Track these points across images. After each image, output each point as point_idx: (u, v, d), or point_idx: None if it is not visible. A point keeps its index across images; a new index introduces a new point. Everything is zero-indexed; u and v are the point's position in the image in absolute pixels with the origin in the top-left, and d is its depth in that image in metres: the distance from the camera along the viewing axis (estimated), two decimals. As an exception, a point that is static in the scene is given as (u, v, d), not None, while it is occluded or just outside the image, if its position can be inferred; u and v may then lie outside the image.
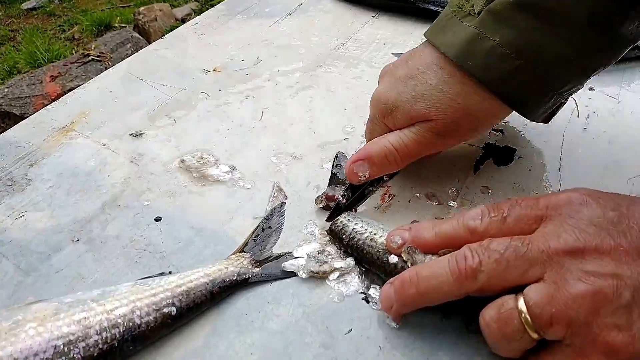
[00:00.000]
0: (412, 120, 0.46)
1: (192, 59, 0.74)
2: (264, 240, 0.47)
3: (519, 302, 0.33)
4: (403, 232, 0.42)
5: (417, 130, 0.46)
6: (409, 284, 0.38)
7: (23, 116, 1.90)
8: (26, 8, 3.45)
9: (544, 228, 0.35)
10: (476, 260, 0.35)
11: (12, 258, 0.46)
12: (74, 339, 0.35)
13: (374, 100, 0.49)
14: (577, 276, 0.32)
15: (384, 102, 0.48)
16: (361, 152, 0.48)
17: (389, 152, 0.47)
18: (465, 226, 0.39)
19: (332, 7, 0.87)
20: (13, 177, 0.54)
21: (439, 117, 0.45)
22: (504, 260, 0.34)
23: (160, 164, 0.55)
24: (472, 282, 0.35)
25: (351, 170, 0.48)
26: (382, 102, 0.48)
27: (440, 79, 0.45)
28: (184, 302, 0.40)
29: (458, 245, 0.38)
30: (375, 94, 0.49)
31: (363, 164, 0.47)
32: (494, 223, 0.38)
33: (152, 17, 2.92)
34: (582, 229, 0.34)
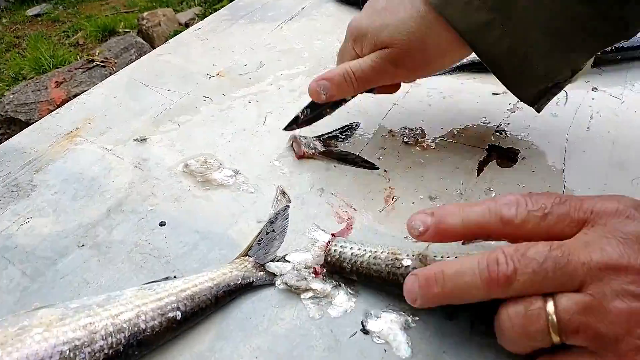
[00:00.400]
0: (375, 47, 0.50)
1: (195, 63, 0.74)
2: (268, 243, 0.47)
3: (547, 304, 0.32)
4: (425, 217, 0.38)
5: (375, 57, 0.50)
6: (434, 282, 0.35)
7: (29, 122, 1.91)
8: (31, 14, 3.48)
9: (585, 235, 0.34)
10: (511, 267, 0.33)
11: (18, 264, 0.46)
12: (79, 344, 0.35)
13: (349, 27, 0.53)
14: (616, 293, 0.31)
15: (356, 29, 0.52)
16: (325, 73, 0.53)
17: (347, 74, 0.51)
18: (499, 215, 0.36)
19: (335, 11, 0.87)
20: (18, 183, 0.54)
21: (396, 45, 0.49)
22: (542, 271, 0.32)
23: (164, 169, 0.56)
24: (504, 290, 0.33)
25: (314, 88, 0.53)
26: (355, 29, 0.52)
27: (411, 14, 0.48)
28: (189, 306, 0.40)
29: (487, 236, 0.36)
30: (352, 21, 0.53)
31: (325, 83, 0.52)
32: (532, 218, 0.35)
33: (155, 22, 2.93)
34: (628, 245, 0.32)
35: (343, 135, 0.60)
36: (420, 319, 0.41)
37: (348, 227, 0.49)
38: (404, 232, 0.48)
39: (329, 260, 0.44)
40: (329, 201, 0.51)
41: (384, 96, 0.64)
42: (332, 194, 0.52)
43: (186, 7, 3.39)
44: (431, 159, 0.56)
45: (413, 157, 0.56)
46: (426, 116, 0.62)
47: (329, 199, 0.52)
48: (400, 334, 0.40)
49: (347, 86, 0.52)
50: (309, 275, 0.43)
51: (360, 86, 0.52)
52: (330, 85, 0.52)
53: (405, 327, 0.40)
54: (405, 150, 0.57)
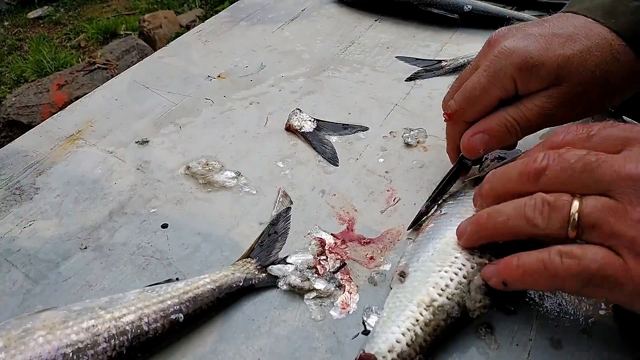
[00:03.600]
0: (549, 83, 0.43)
1: (196, 65, 0.74)
2: (270, 245, 0.47)
3: (575, 200, 0.34)
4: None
5: (545, 98, 0.43)
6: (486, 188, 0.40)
7: (30, 125, 1.92)
8: (32, 17, 3.49)
9: (627, 151, 0.34)
10: (544, 163, 0.36)
11: (21, 267, 0.46)
12: (82, 346, 0.35)
13: (506, 51, 0.43)
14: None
15: (525, 57, 0.42)
16: (479, 125, 0.45)
17: (510, 125, 0.44)
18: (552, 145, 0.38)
19: (335, 12, 0.87)
20: (21, 186, 0.54)
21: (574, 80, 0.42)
22: (570, 169, 0.34)
23: (166, 171, 0.56)
24: (534, 183, 0.36)
25: (470, 143, 0.45)
26: (521, 57, 0.43)
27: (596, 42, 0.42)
28: (191, 308, 0.40)
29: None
30: (508, 45, 0.43)
31: (483, 137, 0.45)
32: (578, 139, 0.37)
33: (157, 24, 2.93)
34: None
35: (343, 131, 0.60)
36: (423, 320, 0.41)
37: (349, 228, 0.49)
38: (404, 234, 0.48)
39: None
40: (331, 202, 0.51)
41: (385, 97, 0.65)
42: (334, 196, 0.52)
43: (187, 9, 3.39)
44: (433, 160, 0.56)
45: (414, 158, 0.56)
46: (427, 117, 0.62)
47: (331, 200, 0.52)
48: None
49: (509, 138, 0.45)
50: (312, 276, 0.44)
51: (523, 136, 0.45)
52: (489, 139, 0.45)
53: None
54: (406, 151, 0.57)
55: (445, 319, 0.38)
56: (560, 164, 0.35)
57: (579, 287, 0.34)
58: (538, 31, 0.44)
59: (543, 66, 0.42)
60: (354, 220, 0.50)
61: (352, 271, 0.45)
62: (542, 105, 0.43)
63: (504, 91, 0.44)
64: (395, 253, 0.46)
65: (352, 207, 0.51)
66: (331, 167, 0.56)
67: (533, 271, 0.35)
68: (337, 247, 0.47)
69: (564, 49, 0.42)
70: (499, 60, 0.43)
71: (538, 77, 0.43)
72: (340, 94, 0.67)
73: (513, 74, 0.43)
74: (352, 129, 0.61)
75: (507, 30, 0.46)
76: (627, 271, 0.32)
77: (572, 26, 0.43)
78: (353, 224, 0.49)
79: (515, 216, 0.36)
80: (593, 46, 0.42)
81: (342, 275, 0.44)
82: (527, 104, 0.44)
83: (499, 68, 0.43)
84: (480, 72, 0.45)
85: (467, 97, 0.45)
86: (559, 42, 0.42)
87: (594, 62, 0.42)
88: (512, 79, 0.43)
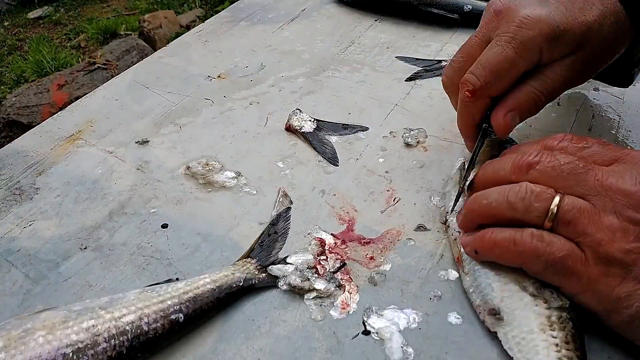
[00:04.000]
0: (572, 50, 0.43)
1: (196, 65, 0.74)
2: (270, 245, 0.47)
3: (556, 197, 0.37)
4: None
5: (569, 64, 0.43)
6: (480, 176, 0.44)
7: (31, 125, 1.92)
8: (32, 17, 3.49)
9: (614, 166, 0.38)
10: (536, 158, 0.39)
11: (21, 267, 0.46)
12: (82, 346, 0.35)
13: (531, 23, 0.42)
14: (614, 210, 0.35)
15: (551, 25, 0.41)
16: (507, 103, 0.45)
17: (538, 98, 0.44)
18: (547, 147, 0.41)
19: (335, 12, 0.87)
20: (21, 186, 0.54)
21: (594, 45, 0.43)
22: (558, 169, 0.38)
23: (166, 171, 0.56)
24: (522, 175, 0.39)
25: (506, 123, 0.45)
26: (548, 25, 0.41)
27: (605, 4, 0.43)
28: (191, 308, 0.40)
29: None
30: (534, 16, 0.42)
31: (514, 114, 0.44)
32: (572, 146, 0.40)
33: (157, 24, 2.94)
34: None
35: (343, 131, 0.60)
36: (423, 319, 0.41)
37: (349, 228, 0.49)
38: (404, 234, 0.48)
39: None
40: (331, 202, 0.51)
41: (385, 97, 0.65)
42: (334, 195, 0.52)
43: (187, 9, 3.39)
44: (433, 160, 0.56)
45: (414, 158, 0.56)
46: (427, 117, 0.62)
47: (331, 200, 0.52)
48: (397, 336, 0.40)
49: (536, 110, 0.46)
50: (312, 276, 0.44)
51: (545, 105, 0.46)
52: (520, 115, 0.45)
53: (406, 328, 0.40)
54: (406, 151, 0.57)
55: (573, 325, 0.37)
56: (551, 162, 0.38)
57: (540, 269, 0.38)
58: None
59: (568, 34, 0.42)
60: (354, 220, 0.50)
61: (352, 271, 0.45)
62: (563, 74, 0.44)
63: (531, 62, 0.43)
64: (395, 253, 0.46)
65: (352, 207, 0.51)
66: (331, 167, 0.56)
67: (503, 245, 0.39)
68: (337, 247, 0.47)
69: (585, 15, 0.42)
70: (525, 32, 0.42)
71: (563, 45, 0.42)
72: (340, 94, 0.67)
73: (541, 44, 0.42)
74: (352, 129, 0.61)
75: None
76: (586, 266, 0.36)
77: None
78: (353, 224, 0.49)
79: (498, 199, 0.40)
80: (607, 11, 0.43)
81: (342, 275, 0.44)
82: (549, 74, 0.44)
83: (526, 39, 0.42)
84: (504, 44, 0.43)
85: (494, 70, 0.43)
86: (579, 8, 0.42)
87: (607, 27, 0.43)
88: (540, 49, 0.42)
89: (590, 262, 0.36)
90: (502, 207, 0.39)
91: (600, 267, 0.35)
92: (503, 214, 0.40)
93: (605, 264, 0.35)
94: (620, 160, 0.38)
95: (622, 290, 0.35)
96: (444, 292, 0.43)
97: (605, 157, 0.39)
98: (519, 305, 0.38)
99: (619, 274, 0.35)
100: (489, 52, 0.44)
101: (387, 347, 0.39)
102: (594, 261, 0.36)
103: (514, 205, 0.39)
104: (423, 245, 0.47)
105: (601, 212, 0.36)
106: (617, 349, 0.38)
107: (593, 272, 0.36)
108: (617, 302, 0.35)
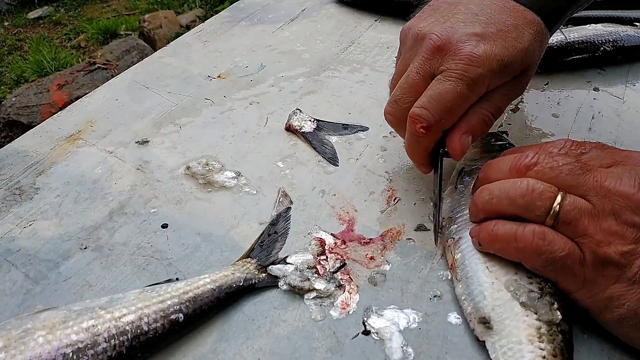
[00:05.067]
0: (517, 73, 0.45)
1: (196, 65, 0.74)
2: (270, 245, 0.47)
3: (559, 193, 0.38)
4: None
5: (510, 88, 0.46)
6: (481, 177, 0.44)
7: (31, 125, 1.92)
8: (32, 17, 3.49)
9: (612, 168, 0.38)
10: (534, 160, 0.40)
11: (21, 267, 0.46)
12: (82, 346, 0.35)
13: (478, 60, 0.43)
14: (612, 212, 0.36)
15: (498, 61, 0.43)
16: (460, 127, 0.45)
17: (487, 118, 0.46)
18: (545, 150, 0.41)
19: (335, 12, 0.87)
20: (21, 186, 0.54)
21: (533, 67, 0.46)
22: (557, 170, 0.39)
23: (166, 171, 0.56)
24: (521, 176, 0.40)
25: (461, 146, 0.45)
26: (494, 61, 0.43)
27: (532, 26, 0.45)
28: (191, 308, 0.40)
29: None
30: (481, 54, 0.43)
31: (467, 137, 0.45)
32: (570, 153, 0.41)
33: (157, 24, 2.94)
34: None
35: (343, 131, 0.60)
36: (423, 319, 0.41)
37: (349, 228, 0.49)
38: (405, 233, 0.48)
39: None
40: (331, 202, 0.51)
41: (385, 97, 0.65)
42: (334, 195, 0.52)
43: (187, 10, 3.39)
44: (432, 160, 0.55)
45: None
46: (427, 117, 0.62)
47: (331, 200, 0.52)
48: (397, 336, 0.40)
49: (487, 130, 0.47)
50: (312, 276, 0.44)
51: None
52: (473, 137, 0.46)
53: (406, 328, 0.40)
54: (406, 151, 0.57)
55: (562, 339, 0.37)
56: (550, 163, 0.39)
57: (539, 267, 0.38)
58: (487, 30, 0.44)
59: (512, 65, 0.44)
60: (354, 220, 0.50)
61: (352, 271, 0.45)
62: (508, 94, 0.46)
63: (480, 95, 0.45)
64: (395, 253, 0.46)
65: (352, 207, 0.51)
66: (331, 167, 0.56)
67: (504, 239, 0.39)
68: (337, 247, 0.47)
69: (521, 43, 0.44)
70: (474, 69, 0.43)
71: (508, 74, 0.45)
72: (340, 94, 0.67)
73: (490, 78, 0.44)
74: (352, 129, 0.61)
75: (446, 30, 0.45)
76: (583, 267, 0.37)
77: (508, 15, 0.45)
78: (353, 224, 0.49)
79: (500, 195, 0.40)
80: (535, 34, 0.45)
81: (342, 275, 0.44)
82: (496, 95, 0.46)
83: (476, 76, 0.43)
84: (456, 81, 0.43)
85: (447, 107, 0.44)
86: (514, 38, 0.44)
87: (538, 46, 0.45)
88: (488, 83, 0.44)
89: (588, 262, 0.36)
90: (503, 202, 0.40)
91: (597, 267, 0.36)
92: (505, 209, 0.40)
93: (602, 265, 0.36)
94: (619, 162, 0.39)
95: (614, 290, 0.36)
96: (443, 292, 0.43)
97: (604, 160, 0.39)
98: (510, 314, 0.38)
99: (614, 275, 0.36)
100: (439, 88, 0.44)
101: (387, 347, 0.39)
102: (592, 262, 0.36)
103: (514, 201, 0.39)
104: (423, 245, 0.47)
105: (600, 213, 0.36)
106: (616, 350, 0.38)
107: (590, 273, 0.37)
108: (609, 301, 0.36)
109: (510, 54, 0.43)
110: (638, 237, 0.36)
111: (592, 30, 0.69)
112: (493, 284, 0.40)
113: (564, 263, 0.37)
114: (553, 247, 0.37)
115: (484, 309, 0.39)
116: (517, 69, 0.45)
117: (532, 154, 0.40)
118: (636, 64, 0.69)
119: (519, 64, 0.44)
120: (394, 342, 0.39)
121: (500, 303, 0.39)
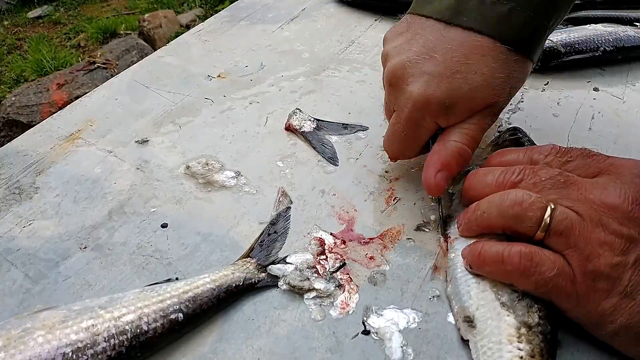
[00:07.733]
0: (473, 111, 0.45)
1: (196, 65, 0.74)
2: (270, 245, 0.47)
3: (550, 204, 0.37)
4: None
5: (480, 118, 0.45)
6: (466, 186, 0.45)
7: (30, 124, 1.92)
8: (32, 17, 3.49)
9: (598, 178, 0.39)
10: (519, 177, 0.40)
11: (21, 266, 0.46)
12: (82, 346, 0.35)
13: (419, 103, 0.44)
14: (601, 223, 0.36)
15: (436, 103, 0.44)
16: (434, 163, 0.45)
17: (463, 151, 0.45)
18: (529, 157, 0.42)
19: (335, 12, 0.87)
20: (20, 186, 0.54)
21: (501, 98, 0.45)
22: (540, 184, 0.39)
23: (166, 171, 0.56)
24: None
25: (434, 184, 0.45)
26: (433, 104, 0.44)
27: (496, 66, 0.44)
28: (191, 308, 0.40)
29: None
30: (418, 97, 0.44)
31: (443, 174, 0.45)
32: (555, 162, 0.41)
33: (157, 23, 2.94)
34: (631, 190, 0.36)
35: (343, 131, 0.60)
36: (423, 319, 0.41)
37: (349, 228, 0.49)
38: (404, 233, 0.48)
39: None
40: (331, 202, 0.51)
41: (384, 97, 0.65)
42: (334, 195, 0.52)
43: (187, 9, 3.39)
44: (432, 160, 0.55)
45: (414, 158, 0.56)
46: (427, 117, 0.62)
47: (330, 200, 0.52)
48: (397, 336, 0.40)
49: (466, 162, 0.46)
50: (311, 275, 0.44)
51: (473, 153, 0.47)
52: (449, 173, 0.46)
53: (406, 328, 0.40)
54: (406, 151, 0.57)
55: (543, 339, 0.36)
56: (533, 179, 0.40)
57: (530, 288, 0.38)
58: (436, 70, 0.44)
59: (457, 106, 0.44)
60: (354, 220, 0.49)
61: (352, 271, 0.45)
62: (480, 124, 0.46)
63: (431, 131, 0.47)
64: (395, 253, 0.46)
65: (352, 207, 0.51)
66: (331, 167, 0.56)
67: (492, 262, 0.39)
68: (337, 246, 0.47)
69: (469, 84, 0.43)
70: (416, 113, 0.45)
71: (458, 114, 0.45)
72: (340, 93, 0.67)
73: (435, 118, 0.45)
74: (352, 129, 0.61)
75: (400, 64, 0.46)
76: (574, 284, 0.36)
77: (462, 53, 0.43)
78: (353, 224, 0.49)
79: (488, 209, 0.40)
80: (497, 66, 0.43)
81: (342, 275, 0.44)
82: (466, 125, 0.46)
83: (418, 119, 0.46)
84: (403, 123, 0.46)
85: (403, 145, 0.49)
86: (462, 78, 0.43)
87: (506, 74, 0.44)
88: (435, 122, 0.46)
89: (578, 278, 0.36)
90: (492, 215, 0.40)
91: (587, 282, 0.36)
92: (494, 222, 0.40)
93: (593, 279, 0.36)
94: (604, 171, 0.39)
95: (607, 305, 0.35)
96: (443, 292, 0.43)
97: (589, 169, 0.40)
98: (493, 314, 0.38)
99: (605, 289, 0.35)
100: (392, 127, 0.48)
101: (387, 346, 0.39)
102: (582, 277, 0.36)
103: (505, 213, 0.39)
104: (423, 245, 0.47)
105: (589, 224, 0.36)
106: (616, 350, 0.38)
107: (581, 289, 0.36)
108: (602, 317, 0.36)
109: (452, 96, 0.44)
110: (626, 248, 0.35)
111: (592, 30, 0.69)
112: (479, 284, 0.40)
113: (555, 283, 0.36)
114: (541, 268, 0.36)
115: (469, 308, 0.39)
116: (467, 109, 0.45)
117: (517, 170, 0.41)
118: (636, 64, 0.69)
119: (467, 104, 0.44)
120: (394, 342, 0.39)
121: (484, 302, 0.39)
